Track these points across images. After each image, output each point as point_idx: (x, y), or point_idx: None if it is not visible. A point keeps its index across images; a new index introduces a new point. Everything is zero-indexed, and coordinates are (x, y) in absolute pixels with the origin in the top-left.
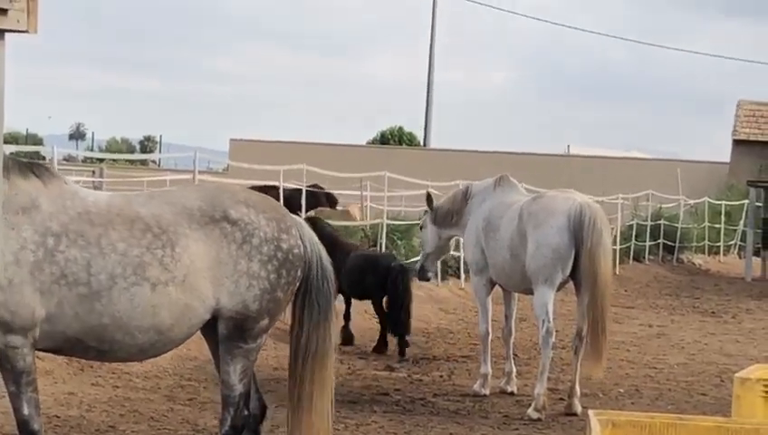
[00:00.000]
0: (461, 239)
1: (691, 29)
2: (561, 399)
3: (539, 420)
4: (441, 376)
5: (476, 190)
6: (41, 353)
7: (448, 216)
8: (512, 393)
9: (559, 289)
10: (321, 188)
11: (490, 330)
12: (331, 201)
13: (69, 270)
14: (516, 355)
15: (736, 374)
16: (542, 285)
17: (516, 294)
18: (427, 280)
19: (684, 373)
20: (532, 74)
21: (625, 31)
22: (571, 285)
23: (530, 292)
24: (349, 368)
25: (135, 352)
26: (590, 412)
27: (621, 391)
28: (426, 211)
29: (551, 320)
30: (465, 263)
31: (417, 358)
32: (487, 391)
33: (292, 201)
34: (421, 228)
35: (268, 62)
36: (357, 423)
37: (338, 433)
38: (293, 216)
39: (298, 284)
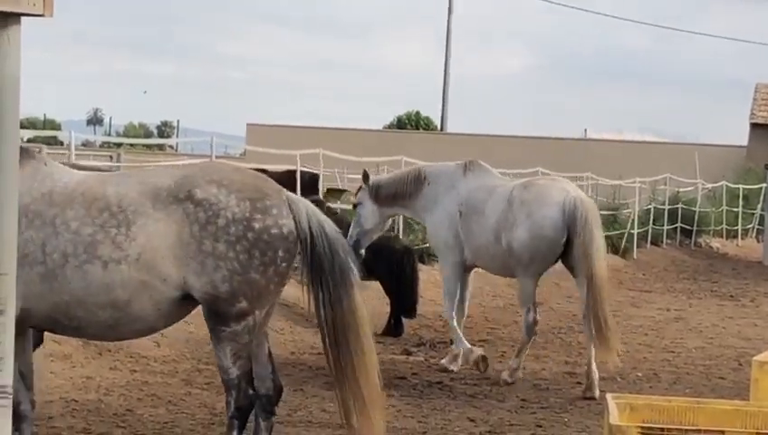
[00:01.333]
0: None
1: (708, 12)
2: (579, 383)
3: (512, 383)
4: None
5: (437, 175)
6: (59, 337)
7: (397, 197)
8: (452, 371)
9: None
10: (263, 170)
11: (455, 314)
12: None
13: (28, 250)
14: (534, 339)
15: (754, 358)
16: (530, 274)
17: (471, 279)
18: (360, 256)
19: (702, 357)
20: (549, 58)
21: (642, 14)
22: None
23: (510, 275)
24: None
25: (104, 329)
26: (608, 396)
27: (639, 374)
28: (360, 187)
29: (536, 310)
30: None
31: (434, 342)
32: (456, 368)
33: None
34: (355, 205)
35: (285, 46)
36: None
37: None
38: (293, 196)
39: (286, 265)
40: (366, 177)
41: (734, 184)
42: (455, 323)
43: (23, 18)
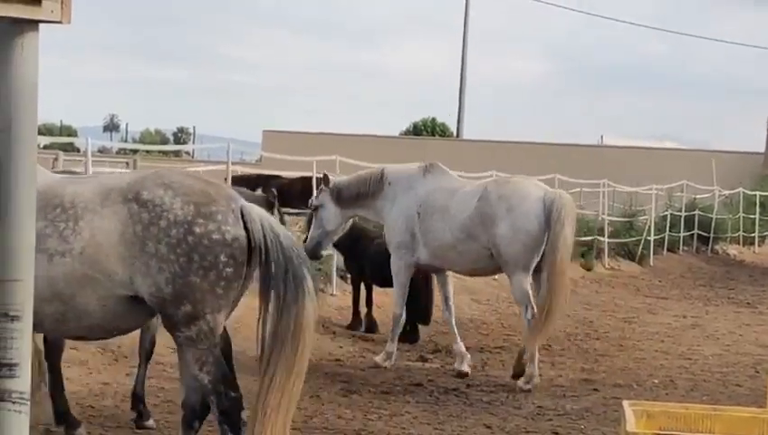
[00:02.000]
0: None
1: (726, 18)
2: (596, 389)
3: (528, 390)
4: (474, 367)
5: (396, 176)
6: (76, 344)
7: (359, 197)
8: (466, 374)
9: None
10: (278, 177)
11: (404, 314)
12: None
13: None
14: (550, 346)
15: None
16: (521, 270)
17: (450, 276)
18: (319, 258)
19: (718, 364)
20: (565, 64)
21: (659, 20)
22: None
23: (477, 273)
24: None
25: (54, 323)
26: (625, 403)
27: (656, 381)
28: (320, 190)
29: (534, 304)
30: None
31: (449, 348)
32: (388, 365)
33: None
34: (316, 208)
35: (301, 52)
36: (390, 414)
37: (371, 423)
38: (248, 205)
39: (231, 271)
40: (326, 179)
41: (750, 191)
42: (403, 320)
43: (40, 25)
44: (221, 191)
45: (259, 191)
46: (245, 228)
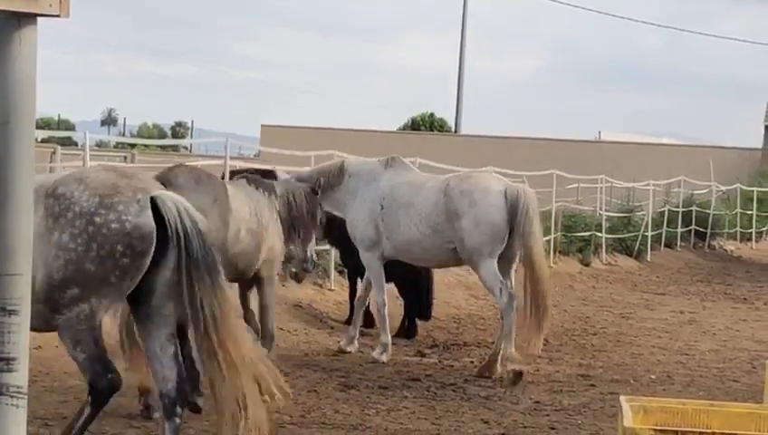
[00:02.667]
0: None
1: (724, 14)
2: (593, 385)
3: (520, 373)
4: (472, 362)
5: (357, 168)
6: None
7: (326, 189)
8: (384, 363)
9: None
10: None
11: (386, 300)
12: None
13: None
14: (547, 341)
15: None
16: (486, 258)
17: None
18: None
19: (715, 360)
20: (563, 60)
21: (656, 16)
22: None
23: (438, 266)
24: None
25: None
26: (622, 398)
27: (653, 377)
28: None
29: (507, 285)
30: None
31: (447, 344)
32: (386, 359)
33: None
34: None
35: (299, 47)
36: (388, 409)
37: (369, 418)
38: (164, 195)
39: (128, 260)
40: (272, 174)
41: (748, 187)
42: (386, 313)
43: (39, 18)
44: (132, 183)
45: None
46: (164, 218)
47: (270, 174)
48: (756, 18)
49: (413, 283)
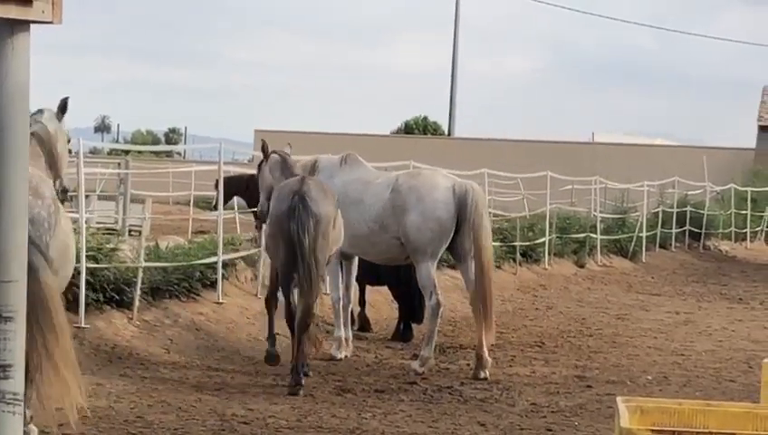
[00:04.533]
0: None
1: (716, 14)
2: (589, 386)
3: (422, 373)
4: (468, 364)
5: (323, 165)
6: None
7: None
8: (345, 357)
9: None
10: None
11: (342, 296)
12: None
13: None
14: (543, 343)
15: (765, 360)
16: (429, 258)
17: (355, 266)
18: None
19: (712, 360)
20: (557, 62)
21: (650, 17)
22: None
23: (387, 262)
24: (376, 357)
25: None
26: (619, 399)
27: (649, 378)
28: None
29: (439, 292)
30: None
31: (443, 347)
32: (342, 355)
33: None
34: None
35: (292, 52)
36: (384, 412)
37: (365, 422)
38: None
39: None
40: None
41: (742, 187)
42: (341, 307)
43: (32, 25)
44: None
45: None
46: None
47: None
48: (749, 18)
49: (406, 285)
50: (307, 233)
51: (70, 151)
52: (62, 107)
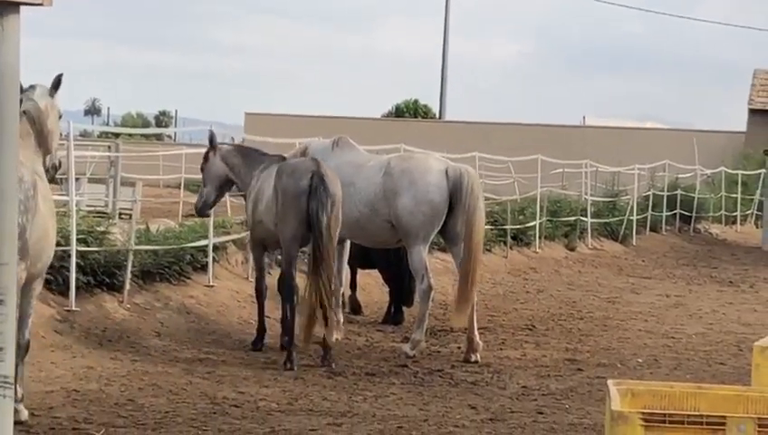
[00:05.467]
0: None
1: None
2: (580, 369)
3: (413, 356)
4: (459, 347)
5: (314, 149)
6: (60, 328)
7: None
8: (336, 340)
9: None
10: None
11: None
12: None
13: None
14: (534, 326)
15: (755, 343)
16: (420, 241)
17: (347, 250)
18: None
19: (702, 343)
20: (547, 45)
21: (639, 0)
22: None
23: (381, 245)
24: (366, 340)
25: None
26: (610, 382)
27: (640, 361)
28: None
29: (430, 275)
30: None
31: (434, 330)
32: (333, 338)
33: None
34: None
35: (284, 35)
36: (375, 395)
37: (356, 405)
38: None
39: None
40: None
41: (732, 170)
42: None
43: (22, 8)
44: None
45: None
46: None
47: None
48: (740, 2)
49: (397, 269)
50: (325, 212)
51: (60, 134)
52: (56, 84)
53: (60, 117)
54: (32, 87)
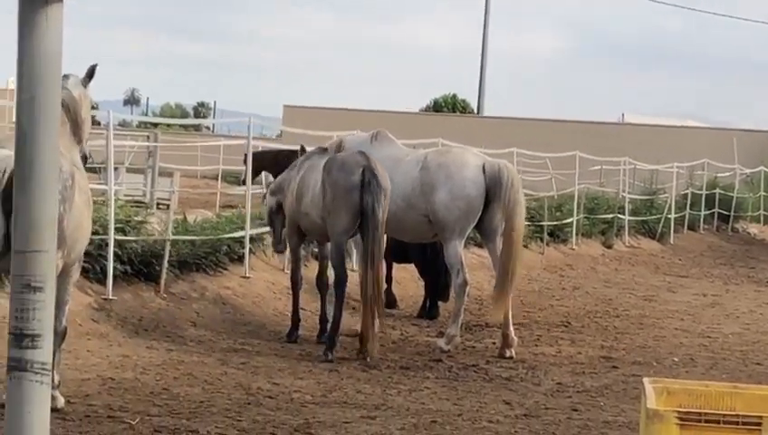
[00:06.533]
0: None
1: None
2: (615, 367)
3: (448, 351)
4: (494, 343)
5: (350, 144)
6: (97, 317)
7: None
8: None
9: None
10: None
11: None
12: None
13: None
14: (569, 323)
15: None
16: (456, 236)
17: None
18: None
19: (738, 343)
20: (588, 41)
21: None
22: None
23: (417, 240)
24: (401, 334)
25: None
26: (645, 380)
27: (676, 359)
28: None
29: (465, 270)
30: None
31: (469, 325)
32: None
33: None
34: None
35: (321, 28)
36: (409, 389)
37: (390, 398)
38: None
39: None
40: (303, 150)
41: None
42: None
43: None
44: None
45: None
46: None
47: (302, 151)
48: None
49: (432, 263)
50: (381, 206)
51: (95, 121)
52: (90, 73)
53: (92, 107)
54: (65, 77)
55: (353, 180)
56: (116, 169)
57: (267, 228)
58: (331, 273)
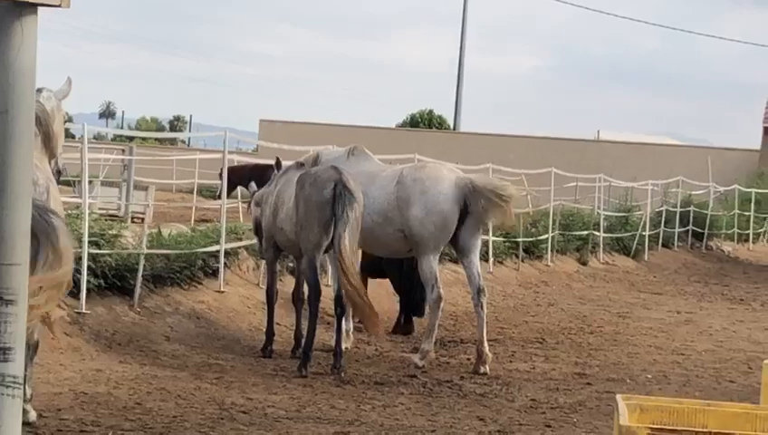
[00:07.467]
0: None
1: (722, 16)
2: (589, 383)
3: (422, 367)
4: (468, 359)
5: (327, 157)
6: (69, 330)
7: None
8: (345, 349)
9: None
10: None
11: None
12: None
13: None
14: (544, 339)
15: (765, 361)
16: (431, 251)
17: (359, 258)
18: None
19: (712, 360)
20: (563, 59)
21: (657, 16)
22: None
23: (393, 255)
24: (376, 349)
25: None
26: (618, 397)
27: (649, 376)
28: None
29: (440, 286)
30: (492, 246)
31: (444, 340)
32: (343, 347)
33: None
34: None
35: (299, 44)
36: (384, 404)
37: (364, 414)
38: None
39: None
40: (279, 163)
41: (746, 188)
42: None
43: (39, 9)
44: None
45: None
46: None
47: (277, 164)
48: (756, 20)
49: (407, 278)
50: (352, 210)
51: (69, 134)
52: (65, 88)
53: (67, 120)
54: (38, 90)
55: (325, 195)
56: (90, 182)
57: (242, 243)
58: (306, 288)
